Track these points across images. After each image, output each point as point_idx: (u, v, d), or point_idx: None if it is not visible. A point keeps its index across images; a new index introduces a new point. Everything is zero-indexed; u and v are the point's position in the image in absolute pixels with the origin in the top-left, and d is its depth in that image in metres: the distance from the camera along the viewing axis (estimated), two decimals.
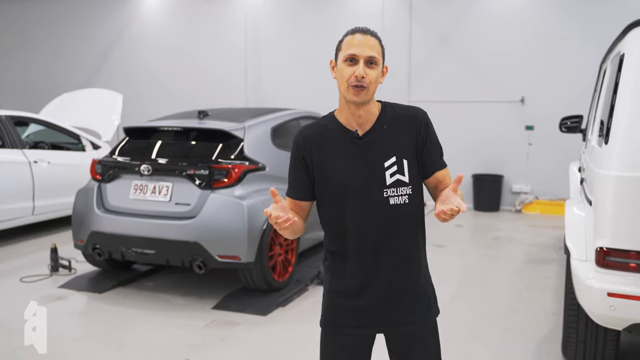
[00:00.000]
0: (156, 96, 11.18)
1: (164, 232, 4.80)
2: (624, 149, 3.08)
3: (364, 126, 2.10)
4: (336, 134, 2.11)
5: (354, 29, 2.07)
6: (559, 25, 8.71)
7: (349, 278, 2.12)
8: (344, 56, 2.02)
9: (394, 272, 2.11)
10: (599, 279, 3.12)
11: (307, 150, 2.12)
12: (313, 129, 2.16)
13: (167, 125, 5.33)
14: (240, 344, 4.16)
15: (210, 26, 10.85)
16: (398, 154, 2.08)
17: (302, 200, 2.18)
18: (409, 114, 2.15)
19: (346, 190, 2.07)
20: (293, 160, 2.17)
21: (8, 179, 6.76)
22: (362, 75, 1.98)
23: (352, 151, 2.08)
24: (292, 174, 2.19)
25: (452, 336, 4.27)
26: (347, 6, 9.88)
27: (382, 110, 2.13)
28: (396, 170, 2.07)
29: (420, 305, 2.18)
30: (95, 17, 11.71)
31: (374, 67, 2.02)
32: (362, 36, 2.03)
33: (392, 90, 9.64)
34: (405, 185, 2.08)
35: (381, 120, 2.11)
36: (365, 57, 2.00)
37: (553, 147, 8.73)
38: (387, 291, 2.11)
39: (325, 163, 2.10)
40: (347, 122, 2.11)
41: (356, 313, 2.13)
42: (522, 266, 6.05)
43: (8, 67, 12.60)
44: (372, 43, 2.03)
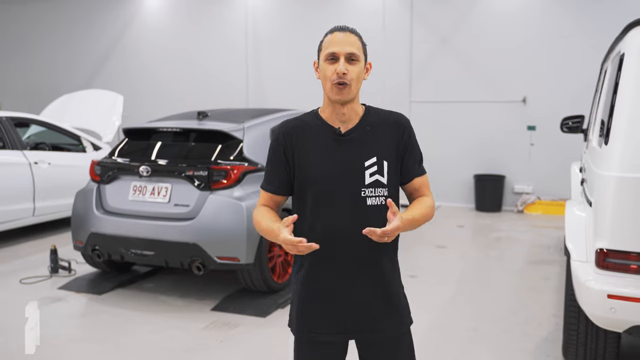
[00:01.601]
0: (157, 97, 11.18)
1: (163, 234, 4.79)
2: (624, 149, 3.06)
3: (347, 124, 2.11)
4: (318, 129, 2.11)
5: (333, 27, 2.08)
6: (561, 25, 8.67)
7: (322, 280, 2.11)
8: (324, 55, 2.05)
9: (367, 276, 2.10)
10: (599, 281, 3.09)
11: (288, 144, 2.11)
12: (295, 123, 2.15)
13: (166, 127, 5.32)
14: (239, 345, 4.14)
15: (210, 26, 10.84)
16: (379, 154, 2.09)
17: (279, 195, 2.18)
18: (392, 119, 2.17)
19: (325, 186, 2.06)
20: (272, 154, 2.16)
21: (9, 180, 6.75)
22: (343, 71, 2.00)
23: (334, 147, 2.08)
24: (271, 168, 2.17)
25: (452, 337, 4.25)
26: (348, 5, 9.86)
27: (365, 112, 2.15)
28: (376, 170, 2.08)
29: (392, 312, 2.16)
30: (96, 19, 11.71)
31: (355, 63, 2.04)
32: (342, 34, 2.05)
33: (393, 90, 9.64)
34: (383, 186, 2.08)
35: (364, 121, 2.13)
36: (345, 54, 2.02)
37: (555, 148, 8.69)
38: (359, 295, 2.10)
39: (306, 158, 2.09)
40: (330, 119, 2.12)
41: (329, 319, 2.12)
42: (524, 267, 6.02)
43: (10, 68, 12.61)
44: (351, 40, 2.04)
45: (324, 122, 2.12)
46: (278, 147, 2.13)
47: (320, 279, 2.11)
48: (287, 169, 2.13)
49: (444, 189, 9.48)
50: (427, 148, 9.35)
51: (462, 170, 9.37)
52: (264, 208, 2.18)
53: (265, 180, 2.20)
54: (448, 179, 9.46)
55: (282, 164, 2.13)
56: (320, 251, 1.99)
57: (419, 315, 4.61)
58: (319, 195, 2.07)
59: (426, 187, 2.21)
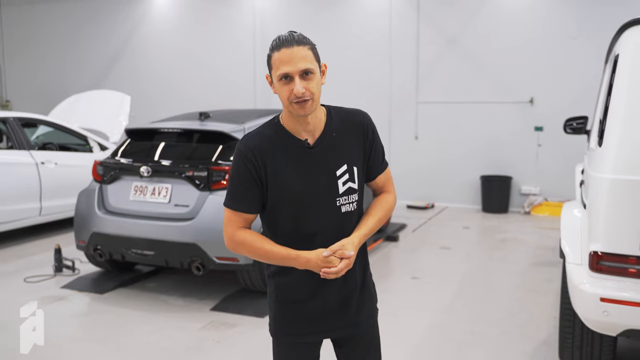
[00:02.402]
0: (165, 98, 11.24)
1: (163, 234, 4.82)
2: (618, 151, 3.03)
3: (314, 133, 2.04)
4: (285, 143, 2.03)
5: (278, 42, 1.93)
6: (569, 25, 8.60)
7: (300, 287, 2.10)
8: (277, 75, 1.93)
9: (344, 277, 2.10)
10: (593, 284, 3.07)
11: (258, 163, 2.00)
12: (260, 139, 2.04)
13: (167, 127, 5.35)
14: (235, 345, 4.16)
15: (218, 28, 10.89)
16: (349, 161, 2.07)
17: (252, 214, 2.07)
18: (356, 120, 2.12)
19: (301, 200, 2.02)
20: (239, 172, 2.03)
21: (16, 180, 6.83)
22: (301, 92, 1.90)
23: (305, 161, 2.03)
24: (240, 186, 2.04)
25: (448, 339, 4.24)
26: (355, 6, 9.85)
27: (328, 116, 2.08)
28: (348, 178, 2.06)
29: (366, 305, 2.21)
30: (105, 20, 11.80)
31: (310, 77, 1.93)
32: (288, 50, 1.90)
33: (399, 92, 9.62)
34: (354, 192, 2.09)
35: (329, 127, 2.07)
36: (299, 72, 1.90)
37: (563, 149, 8.61)
38: (337, 296, 2.12)
39: (278, 174, 2.01)
40: (295, 130, 2.03)
41: (308, 320, 2.13)
42: (527, 269, 5.98)
43: (20, 69, 12.75)
44: (301, 54, 1.91)
45: (289, 135, 2.03)
46: (246, 166, 2.01)
47: (296, 284, 2.11)
48: (258, 187, 2.03)
49: (451, 190, 9.45)
50: (433, 149, 9.48)
51: (469, 171, 9.33)
52: (249, 232, 2.07)
53: (232, 199, 2.05)
54: (454, 180, 9.42)
55: (252, 182, 2.02)
56: None
57: (418, 316, 4.64)
58: (295, 210, 2.03)
59: (390, 181, 2.23)
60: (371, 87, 9.62)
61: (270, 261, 2.06)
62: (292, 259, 2.01)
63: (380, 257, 6.41)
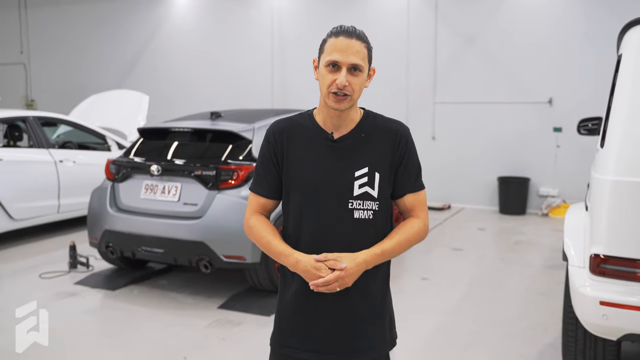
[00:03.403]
0: (183, 98, 11.36)
1: (172, 232, 4.88)
2: (620, 152, 2.99)
3: (341, 130, 1.98)
4: (310, 132, 1.99)
5: (339, 29, 1.89)
6: (588, 25, 8.47)
7: (304, 295, 1.97)
8: (326, 61, 1.88)
9: (350, 294, 1.95)
10: (593, 287, 3.03)
11: (279, 146, 1.99)
12: (286, 123, 2.03)
13: (179, 127, 5.41)
14: (240, 343, 4.19)
15: (237, 28, 10.97)
16: (371, 165, 1.95)
17: (269, 199, 2.04)
18: (390, 127, 2.01)
19: (310, 193, 1.95)
20: (263, 155, 2.04)
21: (35, 178, 6.98)
22: (343, 84, 1.85)
23: (324, 153, 1.96)
24: (261, 170, 2.04)
25: (453, 340, 4.21)
26: (372, 6, 9.83)
27: (363, 118, 2.01)
28: (366, 182, 1.94)
29: (372, 333, 2.01)
30: (127, 21, 11.98)
31: (357, 74, 1.88)
32: (347, 40, 1.86)
33: (417, 92, 9.58)
34: (372, 199, 1.94)
35: (360, 128, 1.99)
36: (349, 64, 1.86)
37: (581, 150, 8.48)
38: (336, 313, 1.97)
39: (294, 161, 1.97)
40: (323, 122, 1.99)
41: (304, 335, 2.00)
42: (540, 271, 5.91)
43: (45, 69, 13.01)
44: (357, 48, 1.87)
45: (316, 125, 1.99)
46: (269, 148, 2.01)
47: (300, 291, 1.98)
48: (276, 171, 2.00)
49: (467, 191, 9.38)
50: (450, 149, 9.42)
51: (486, 172, 9.24)
52: (261, 218, 2.04)
53: (255, 182, 2.05)
54: (471, 181, 9.35)
55: (272, 166, 2.00)
56: None
57: (424, 318, 4.62)
58: (303, 203, 1.95)
59: (420, 206, 2.04)
60: (388, 87, 9.59)
61: (269, 253, 1.99)
62: (284, 256, 1.93)
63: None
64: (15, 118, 7.37)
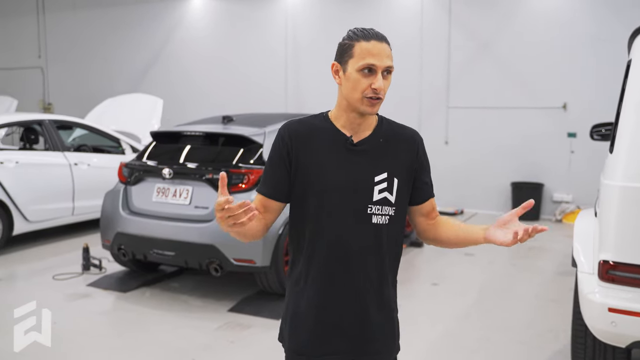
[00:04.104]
0: (197, 102, 11.45)
1: (183, 235, 4.92)
2: (629, 158, 2.97)
3: (359, 134, 1.95)
4: (328, 135, 1.94)
5: (368, 33, 1.88)
6: (603, 29, 8.40)
7: (318, 297, 1.96)
8: (360, 65, 1.85)
9: (365, 297, 1.95)
10: (602, 294, 3.01)
11: (293, 147, 1.94)
12: (301, 124, 1.98)
13: (191, 130, 5.45)
14: (249, 346, 4.21)
15: (251, 33, 11.03)
16: (390, 170, 1.94)
17: (274, 200, 1.98)
18: (407, 133, 2.02)
19: (329, 197, 1.91)
20: (274, 155, 1.98)
21: (50, 181, 7.07)
22: (381, 88, 1.85)
23: (343, 157, 1.92)
24: (270, 169, 1.99)
25: (460, 346, 4.20)
26: (386, 10, 9.84)
27: (378, 123, 2.00)
28: (385, 187, 1.93)
29: (381, 336, 2.01)
30: (142, 26, 12.09)
31: (388, 77, 1.89)
32: (379, 44, 1.87)
33: (430, 96, 9.56)
34: (390, 205, 1.93)
35: (378, 133, 1.97)
36: (384, 68, 1.86)
37: (596, 155, 8.38)
38: (355, 316, 1.96)
39: (312, 165, 1.92)
40: (342, 126, 1.96)
41: (321, 338, 1.98)
42: (551, 277, 5.86)
43: (61, 73, 13.17)
44: (388, 52, 1.89)
45: (334, 128, 1.95)
46: (282, 147, 1.95)
47: (316, 295, 1.96)
48: (287, 172, 1.95)
49: (480, 196, 9.34)
50: (463, 154, 9.38)
51: (499, 177, 9.20)
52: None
53: (262, 181, 2.00)
54: (485, 186, 9.30)
55: (283, 166, 1.95)
56: (320, 267, 1.93)
57: (432, 323, 4.61)
58: (322, 208, 1.91)
59: (436, 208, 2.09)
60: (401, 91, 9.57)
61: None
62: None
63: (404, 262, 6.37)
64: (32, 121, 7.47)
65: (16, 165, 6.73)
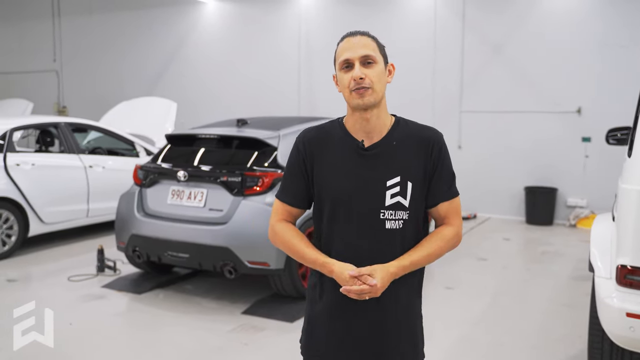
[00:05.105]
0: (209, 105, 11.48)
1: (197, 237, 4.94)
2: None
3: (372, 137, 1.95)
4: (340, 140, 1.97)
5: (344, 35, 1.97)
6: (618, 33, 8.35)
7: (333, 303, 1.98)
8: (339, 64, 1.93)
9: (376, 304, 1.93)
10: (619, 298, 2.99)
11: (308, 154, 1.98)
12: (316, 132, 2.03)
13: (205, 133, 5.48)
14: (263, 349, 4.22)
15: (264, 37, 11.07)
16: (403, 174, 1.91)
17: (293, 207, 2.04)
18: (423, 135, 1.97)
19: (341, 203, 1.92)
20: (291, 163, 2.04)
21: (65, 183, 7.13)
22: (360, 76, 1.86)
23: (354, 162, 1.93)
24: (288, 177, 2.05)
25: (477, 351, 4.18)
26: (399, 15, 9.84)
27: (394, 124, 1.98)
28: (398, 191, 1.91)
29: (402, 343, 2.00)
30: (156, 30, 12.16)
31: (372, 65, 1.89)
32: (352, 39, 1.92)
33: (443, 100, 9.54)
34: (404, 209, 1.92)
35: (391, 135, 1.95)
36: (359, 58, 1.88)
37: (611, 160, 8.34)
38: (369, 322, 1.96)
39: (324, 170, 1.96)
40: (353, 130, 1.96)
41: (336, 343, 1.99)
42: (566, 282, 5.82)
43: (76, 76, 13.27)
44: (363, 42, 1.91)
45: (346, 133, 1.96)
46: (297, 155, 2.01)
47: (331, 301, 1.97)
48: (305, 180, 2.00)
49: (494, 200, 9.30)
50: (477, 158, 9.35)
51: (513, 181, 9.15)
52: (289, 226, 2.03)
53: (281, 189, 2.05)
54: (498, 190, 9.26)
55: (300, 174, 2.00)
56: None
57: (447, 328, 4.59)
58: (335, 213, 1.94)
59: (454, 214, 2.00)
60: (414, 95, 9.57)
61: (301, 261, 1.98)
62: (318, 264, 1.92)
63: None
64: (48, 124, 7.55)
65: (32, 168, 6.79)
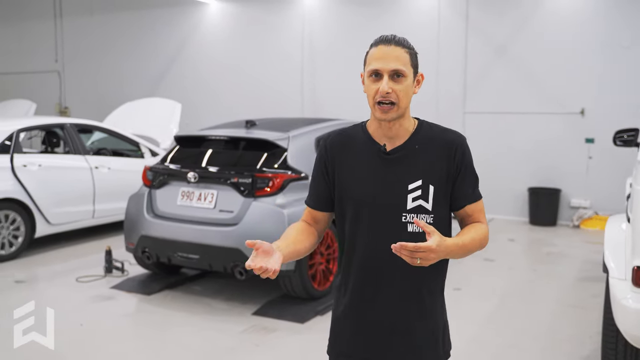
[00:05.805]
0: (211, 107, 11.47)
1: (207, 238, 4.95)
2: None
3: (394, 141, 1.94)
4: (362, 145, 1.97)
5: (378, 39, 1.90)
6: (622, 34, 8.38)
7: (357, 303, 1.99)
8: (368, 71, 1.89)
9: (404, 306, 1.94)
10: (635, 299, 3.01)
11: (330, 158, 2.00)
12: (339, 136, 2.03)
13: (215, 135, 5.50)
14: (274, 350, 4.23)
15: (267, 37, 11.07)
16: (425, 178, 1.91)
17: (318, 211, 2.06)
18: (446, 138, 1.96)
19: (363, 207, 1.93)
20: (315, 167, 2.06)
21: (71, 184, 7.13)
22: (386, 91, 1.84)
23: (376, 166, 1.93)
24: (313, 181, 2.07)
25: (488, 352, 4.20)
26: (403, 16, 9.86)
27: (417, 128, 1.98)
28: (420, 195, 1.90)
29: (424, 348, 1.99)
30: (159, 30, 12.14)
31: (401, 80, 1.86)
32: (385, 47, 1.86)
33: (446, 101, 9.56)
34: (427, 213, 1.91)
35: (414, 139, 1.95)
36: (389, 71, 1.84)
37: (615, 161, 8.38)
38: (393, 324, 1.96)
39: (346, 174, 1.96)
40: (376, 134, 1.97)
41: (360, 343, 2.00)
42: (572, 283, 5.85)
43: (79, 76, 13.25)
44: (396, 54, 1.85)
45: (369, 137, 1.97)
46: (320, 159, 2.03)
47: (356, 301, 1.99)
48: (326, 184, 2.01)
49: (497, 201, 9.31)
50: (480, 160, 9.24)
51: (516, 182, 9.18)
52: (298, 223, 2.08)
53: (308, 194, 2.11)
54: (501, 191, 9.28)
55: (322, 178, 2.02)
56: (356, 276, 1.95)
57: (457, 329, 4.58)
58: (357, 216, 1.94)
59: (480, 213, 1.98)
60: (417, 96, 9.40)
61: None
62: None
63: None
64: (53, 125, 7.55)
65: (39, 169, 6.80)
